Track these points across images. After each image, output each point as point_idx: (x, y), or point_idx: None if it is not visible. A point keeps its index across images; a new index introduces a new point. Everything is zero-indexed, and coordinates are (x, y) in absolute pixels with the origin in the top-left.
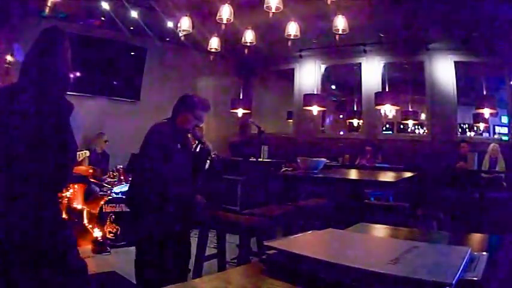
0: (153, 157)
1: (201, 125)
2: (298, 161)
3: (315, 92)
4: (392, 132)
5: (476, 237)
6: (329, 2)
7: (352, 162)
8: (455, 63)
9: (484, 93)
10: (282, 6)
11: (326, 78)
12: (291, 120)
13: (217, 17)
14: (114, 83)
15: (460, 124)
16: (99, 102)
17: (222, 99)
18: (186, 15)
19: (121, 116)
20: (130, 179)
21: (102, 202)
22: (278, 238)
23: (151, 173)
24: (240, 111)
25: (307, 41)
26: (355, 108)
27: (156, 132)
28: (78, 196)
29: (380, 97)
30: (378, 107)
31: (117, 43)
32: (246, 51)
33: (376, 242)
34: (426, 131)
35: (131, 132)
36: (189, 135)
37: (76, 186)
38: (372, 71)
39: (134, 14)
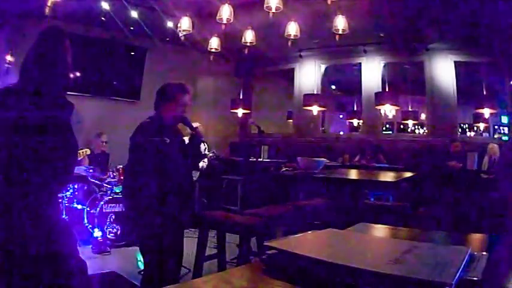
0: (143, 159)
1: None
2: (298, 161)
3: (315, 92)
4: (392, 132)
5: (476, 237)
6: (329, 2)
7: (352, 162)
8: (455, 63)
9: (484, 93)
10: (282, 6)
11: (326, 78)
12: (291, 120)
13: (217, 17)
14: (114, 83)
15: (460, 124)
16: (99, 102)
17: (222, 99)
18: (186, 15)
19: (121, 116)
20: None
21: (102, 202)
22: (278, 238)
23: (145, 175)
24: (240, 111)
25: (307, 41)
26: (355, 108)
27: (141, 133)
28: (78, 196)
29: (380, 97)
30: (378, 107)
31: (117, 43)
32: (246, 51)
33: (376, 242)
34: (426, 131)
35: (131, 132)
36: (179, 126)
37: (76, 186)
38: (372, 71)
39: (134, 14)
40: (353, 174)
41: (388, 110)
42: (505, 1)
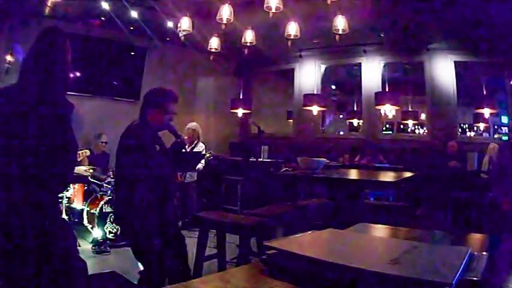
0: (133, 163)
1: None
2: (298, 161)
3: (315, 92)
4: (392, 132)
5: (476, 237)
6: (329, 2)
7: (352, 161)
8: (455, 63)
9: (484, 93)
10: (282, 6)
11: (326, 78)
12: (291, 120)
13: (217, 17)
14: (114, 83)
15: (460, 124)
16: (99, 102)
17: (222, 99)
18: (186, 15)
19: (121, 116)
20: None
21: (102, 202)
22: (278, 238)
23: (135, 180)
24: (240, 111)
25: (307, 41)
26: (355, 108)
27: (131, 137)
28: (78, 196)
29: (380, 97)
30: (378, 107)
31: (117, 43)
32: (246, 51)
33: (376, 242)
34: (426, 131)
35: None
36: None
37: (76, 186)
38: (372, 71)
39: (134, 14)
40: (353, 174)
41: (388, 110)
42: (505, 1)
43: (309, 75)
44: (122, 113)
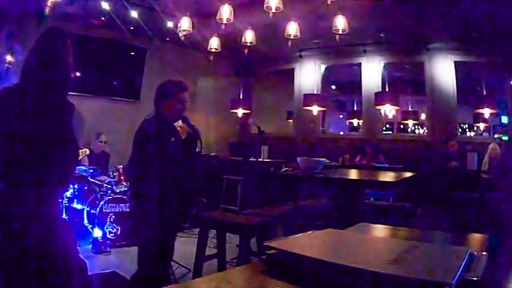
0: (151, 153)
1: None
2: (298, 161)
3: (315, 92)
4: (392, 132)
5: (476, 237)
6: (329, 2)
7: (352, 161)
8: (455, 63)
9: (484, 93)
10: (282, 6)
11: (326, 78)
12: (291, 120)
13: (217, 17)
14: (114, 83)
15: (460, 124)
16: (99, 102)
17: (222, 99)
18: (186, 15)
19: (121, 116)
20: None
21: (102, 202)
22: (278, 238)
23: (152, 170)
24: (240, 111)
25: (307, 41)
26: (355, 108)
27: (149, 128)
28: (78, 196)
29: (380, 97)
30: (378, 107)
31: (117, 43)
32: (246, 51)
33: (376, 242)
34: (426, 131)
35: (131, 132)
36: (180, 124)
37: (76, 186)
38: (372, 71)
39: (134, 14)
40: (353, 174)
41: (388, 110)
42: (504, 1)
43: (309, 75)
44: (122, 113)
